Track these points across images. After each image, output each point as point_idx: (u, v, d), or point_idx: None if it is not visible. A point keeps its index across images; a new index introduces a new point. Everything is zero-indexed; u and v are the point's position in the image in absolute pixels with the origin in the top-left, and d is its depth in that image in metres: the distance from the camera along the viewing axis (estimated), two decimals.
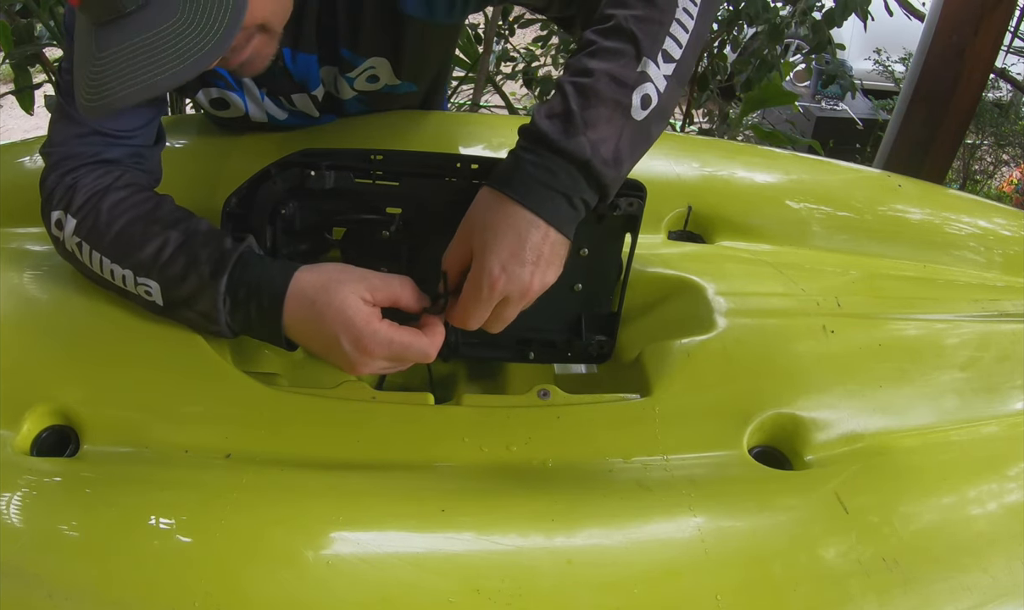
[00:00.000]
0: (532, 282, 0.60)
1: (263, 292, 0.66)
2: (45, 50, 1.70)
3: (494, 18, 2.00)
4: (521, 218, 0.59)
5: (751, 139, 2.45)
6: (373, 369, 0.64)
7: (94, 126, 0.75)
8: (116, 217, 0.70)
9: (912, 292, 0.86)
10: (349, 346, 0.62)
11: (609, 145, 0.59)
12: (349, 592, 0.53)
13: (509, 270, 0.59)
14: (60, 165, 0.74)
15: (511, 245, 0.59)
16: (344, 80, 0.87)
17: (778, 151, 1.09)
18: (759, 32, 2.18)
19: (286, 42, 0.80)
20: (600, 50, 0.61)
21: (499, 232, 0.59)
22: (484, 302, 0.61)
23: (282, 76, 0.84)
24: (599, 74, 0.60)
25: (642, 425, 0.68)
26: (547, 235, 0.59)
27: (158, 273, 0.68)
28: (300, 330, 0.65)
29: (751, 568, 0.57)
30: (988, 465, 0.68)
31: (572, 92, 0.60)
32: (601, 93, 0.59)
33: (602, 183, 0.60)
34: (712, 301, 0.79)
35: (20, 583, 0.52)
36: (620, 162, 0.61)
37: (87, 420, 0.65)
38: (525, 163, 0.60)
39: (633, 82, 0.60)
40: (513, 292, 0.60)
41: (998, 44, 2.10)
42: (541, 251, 0.60)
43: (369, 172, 0.72)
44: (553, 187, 0.59)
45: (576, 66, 0.61)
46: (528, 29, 2.53)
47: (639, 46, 0.61)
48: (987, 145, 3.82)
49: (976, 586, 0.57)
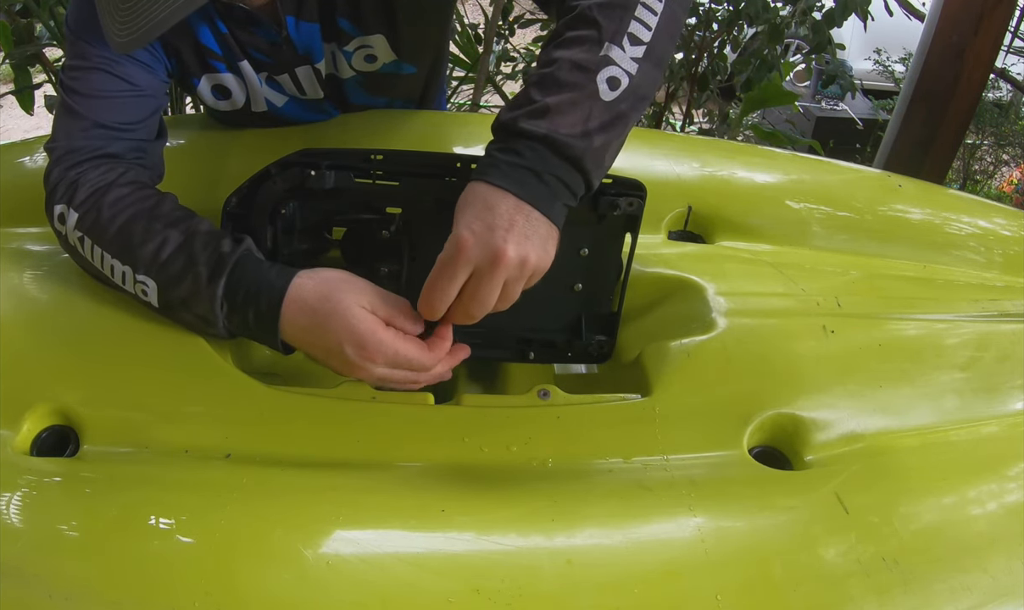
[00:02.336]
0: (506, 248, 0.57)
1: (261, 297, 0.66)
2: (45, 50, 1.70)
3: (494, 18, 2.00)
4: (489, 192, 0.59)
5: (751, 139, 2.44)
6: (372, 375, 0.64)
7: (97, 120, 0.75)
8: (118, 213, 0.70)
9: (912, 292, 0.86)
10: (353, 353, 0.62)
11: (575, 124, 0.60)
12: (349, 592, 0.53)
13: (477, 232, 0.58)
14: (63, 160, 0.74)
15: (478, 211, 0.58)
16: (342, 55, 0.87)
17: (778, 151, 1.09)
18: (759, 32, 2.18)
19: (289, 10, 0.81)
20: (565, 40, 0.63)
21: (468, 205, 0.59)
22: (451, 269, 0.58)
23: (286, 48, 0.84)
24: (561, 62, 0.62)
25: (642, 425, 0.68)
26: (519, 207, 0.59)
27: (156, 272, 0.68)
28: (299, 336, 0.65)
29: (751, 568, 0.57)
30: (988, 465, 0.68)
31: (534, 82, 0.62)
32: (561, 79, 0.61)
33: (573, 155, 0.60)
34: (712, 301, 0.79)
35: (20, 583, 0.52)
36: (590, 136, 0.60)
37: (87, 420, 0.65)
38: (492, 152, 0.61)
39: (595, 66, 0.62)
40: (484, 257, 0.58)
41: (998, 44, 2.10)
42: (514, 220, 0.58)
43: (369, 172, 0.72)
44: (519, 165, 0.59)
45: (543, 58, 0.64)
46: (528, 29, 2.53)
47: (601, 30, 0.62)
48: (987, 145, 3.82)
49: (976, 586, 0.57)
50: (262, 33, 0.83)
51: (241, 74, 0.86)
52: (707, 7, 2.25)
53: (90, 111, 0.75)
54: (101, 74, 0.75)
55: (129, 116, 0.77)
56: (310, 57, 0.86)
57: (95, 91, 0.75)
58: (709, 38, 2.32)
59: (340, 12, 0.83)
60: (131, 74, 0.77)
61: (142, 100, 0.78)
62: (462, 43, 2.23)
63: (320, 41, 0.85)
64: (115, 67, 0.75)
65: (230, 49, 0.84)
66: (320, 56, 0.87)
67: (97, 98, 0.75)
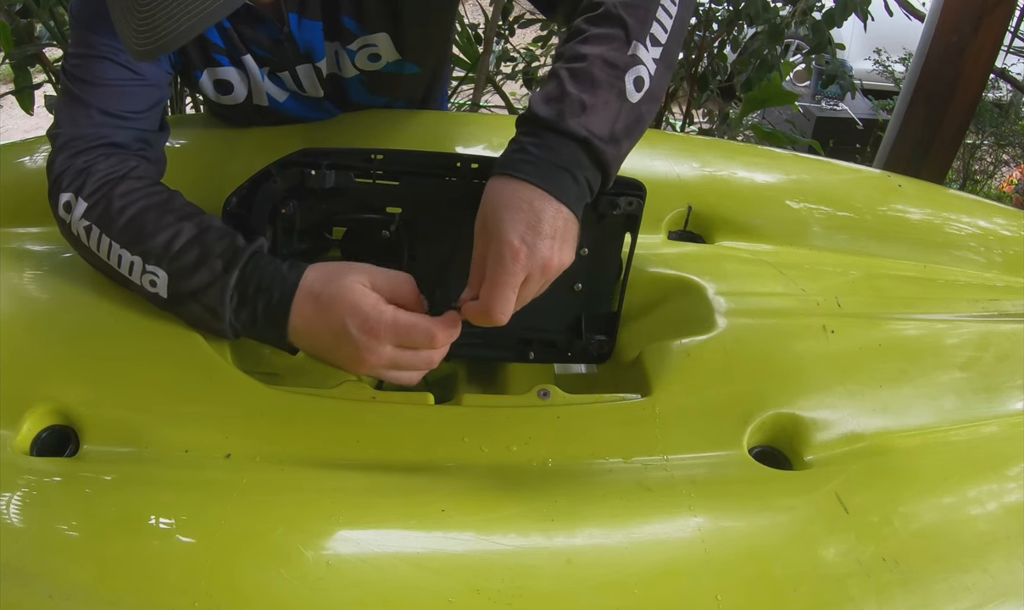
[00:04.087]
0: (552, 257, 0.59)
1: (274, 288, 0.66)
2: (45, 50, 1.70)
3: (494, 18, 2.00)
4: (533, 194, 0.59)
5: (751, 139, 2.44)
6: (381, 357, 0.63)
7: (102, 107, 0.75)
8: (129, 204, 0.70)
9: (912, 292, 0.86)
10: (356, 330, 0.62)
11: (606, 125, 0.60)
12: (349, 592, 0.53)
13: (529, 242, 0.58)
14: (68, 146, 0.74)
15: (527, 219, 0.58)
16: (346, 53, 0.87)
17: (778, 151, 1.09)
18: (759, 32, 2.18)
19: (292, 7, 0.81)
20: (591, 36, 0.62)
21: (513, 209, 0.59)
22: (510, 278, 0.58)
23: (288, 44, 0.84)
24: (592, 58, 0.61)
25: (642, 425, 0.68)
26: (559, 211, 0.59)
27: (168, 262, 0.68)
28: (306, 328, 0.65)
29: (751, 568, 0.57)
30: (988, 465, 0.68)
31: (567, 76, 0.61)
32: (595, 76, 0.60)
33: (603, 161, 0.61)
34: (712, 301, 0.79)
35: (20, 583, 0.52)
36: (618, 141, 0.61)
37: (87, 420, 0.65)
38: (527, 146, 0.60)
39: (624, 65, 0.61)
40: (535, 267, 0.59)
41: (998, 44, 2.10)
42: (556, 225, 0.59)
43: (369, 171, 0.72)
44: (557, 164, 0.59)
45: (569, 53, 0.62)
46: (528, 29, 2.53)
47: (628, 30, 0.62)
48: (987, 145, 3.82)
49: (976, 586, 0.57)
50: (264, 29, 0.83)
51: (244, 67, 0.86)
52: (707, 7, 2.26)
53: (95, 99, 0.75)
54: (106, 63, 0.75)
55: (134, 105, 0.77)
56: (311, 55, 0.86)
57: (100, 79, 0.75)
58: (709, 38, 2.32)
59: (344, 10, 0.83)
60: (135, 63, 0.76)
61: (147, 90, 0.78)
62: (462, 43, 2.23)
63: (322, 39, 0.85)
64: (120, 56, 0.75)
65: (233, 43, 0.84)
66: (322, 55, 0.87)
67: (102, 86, 0.75)
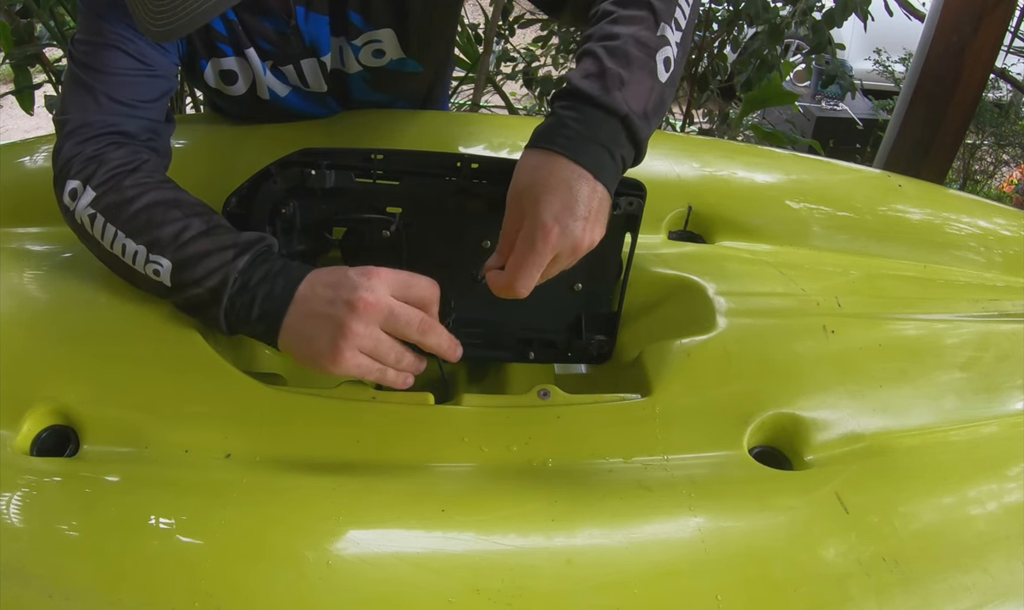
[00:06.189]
0: (583, 237, 0.59)
1: (279, 277, 0.66)
2: (45, 50, 1.70)
3: (494, 18, 2.00)
4: (571, 171, 0.59)
5: (751, 139, 2.44)
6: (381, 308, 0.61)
7: (112, 95, 0.75)
8: (139, 195, 0.70)
9: (912, 292, 0.86)
10: (355, 274, 0.62)
11: (641, 102, 0.61)
12: (349, 592, 0.53)
13: (563, 223, 0.58)
14: (77, 133, 0.74)
15: (563, 198, 0.58)
16: (350, 49, 0.87)
17: (778, 151, 1.09)
18: (759, 32, 2.18)
19: (300, 0, 0.81)
20: (621, 17, 0.63)
21: (550, 186, 0.59)
22: (538, 258, 0.59)
23: (294, 37, 0.84)
24: (625, 37, 0.61)
25: (642, 425, 0.68)
26: (595, 189, 0.59)
27: (173, 253, 0.68)
28: (300, 322, 0.64)
29: (751, 568, 0.57)
30: (988, 465, 0.68)
31: (605, 54, 0.61)
32: (631, 54, 0.61)
33: (639, 138, 0.61)
34: (712, 301, 0.79)
35: (20, 583, 0.52)
36: (649, 120, 0.62)
37: (87, 420, 0.65)
38: (567, 119, 0.60)
39: (655, 45, 0.62)
40: (565, 247, 0.59)
41: (998, 44, 2.10)
42: (591, 205, 0.59)
43: (369, 171, 0.72)
44: (596, 140, 0.59)
45: (600, 33, 0.63)
46: (528, 29, 2.53)
47: (656, 12, 0.63)
48: (987, 145, 3.82)
49: (976, 586, 0.57)
50: (271, 21, 0.83)
51: (246, 59, 0.87)
52: (707, 7, 2.26)
53: (105, 86, 0.75)
54: (116, 51, 0.75)
55: (143, 94, 0.77)
56: (316, 49, 0.86)
57: (110, 67, 0.75)
58: (709, 38, 2.32)
59: (351, 5, 0.83)
60: (145, 53, 0.77)
61: (155, 80, 0.78)
62: (462, 43, 2.23)
63: (328, 34, 0.85)
64: (129, 45, 0.75)
65: (237, 36, 0.84)
66: (327, 49, 0.87)
67: (112, 74, 0.75)
